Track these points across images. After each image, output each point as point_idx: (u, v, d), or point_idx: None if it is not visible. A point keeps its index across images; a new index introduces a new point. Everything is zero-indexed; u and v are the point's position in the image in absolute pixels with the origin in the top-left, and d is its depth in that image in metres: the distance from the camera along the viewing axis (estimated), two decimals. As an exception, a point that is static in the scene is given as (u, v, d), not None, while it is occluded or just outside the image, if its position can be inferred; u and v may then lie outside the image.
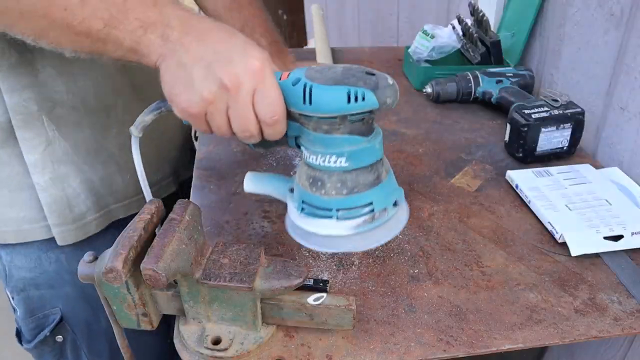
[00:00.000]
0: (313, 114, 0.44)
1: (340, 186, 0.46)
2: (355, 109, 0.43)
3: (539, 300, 0.54)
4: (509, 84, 0.93)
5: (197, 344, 0.48)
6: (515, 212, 0.68)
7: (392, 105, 0.44)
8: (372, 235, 0.48)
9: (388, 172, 0.49)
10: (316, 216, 0.48)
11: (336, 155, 0.45)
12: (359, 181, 0.46)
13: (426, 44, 1.05)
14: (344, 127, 0.44)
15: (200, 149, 0.83)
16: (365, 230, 0.48)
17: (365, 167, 0.46)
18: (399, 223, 0.49)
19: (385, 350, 0.49)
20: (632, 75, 0.74)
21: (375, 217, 0.47)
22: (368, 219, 0.47)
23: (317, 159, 0.46)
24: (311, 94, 0.43)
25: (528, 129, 0.75)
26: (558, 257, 0.61)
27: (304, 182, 0.48)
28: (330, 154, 0.45)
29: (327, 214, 0.47)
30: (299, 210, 0.49)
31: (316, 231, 0.48)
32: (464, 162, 0.79)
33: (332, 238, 0.48)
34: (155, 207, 0.49)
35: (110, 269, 0.42)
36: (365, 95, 0.43)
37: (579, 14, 0.86)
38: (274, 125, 0.45)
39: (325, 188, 0.46)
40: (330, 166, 0.45)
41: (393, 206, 0.49)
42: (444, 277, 0.57)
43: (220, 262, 0.47)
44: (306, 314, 0.48)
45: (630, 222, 0.62)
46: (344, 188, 0.46)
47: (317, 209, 0.47)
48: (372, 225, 0.48)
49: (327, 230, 0.48)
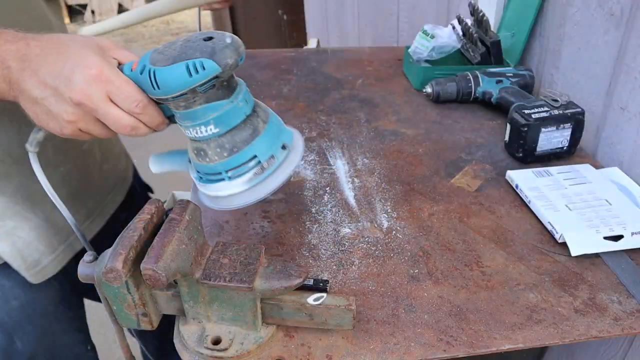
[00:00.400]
0: (165, 96, 0.45)
1: (220, 150, 0.48)
2: (199, 80, 0.44)
3: (539, 300, 0.54)
4: (509, 84, 0.93)
5: (197, 344, 0.48)
6: (515, 212, 0.68)
7: (237, 64, 0.45)
8: (269, 182, 0.50)
9: (267, 121, 0.50)
10: (211, 181, 0.51)
11: (204, 124, 0.47)
12: (235, 140, 0.48)
13: (426, 44, 1.05)
14: (199, 99, 0.46)
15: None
16: (260, 180, 0.50)
17: (237, 126, 0.48)
18: (291, 163, 0.51)
19: (385, 350, 0.49)
20: (632, 75, 0.74)
21: (265, 166, 0.49)
22: (258, 171, 0.49)
23: (191, 132, 0.48)
24: (156, 78, 0.44)
25: (528, 129, 0.75)
26: (558, 257, 0.61)
27: (192, 154, 0.51)
28: (199, 125, 0.47)
29: (219, 177, 0.50)
30: (198, 180, 0.52)
31: (216, 194, 0.51)
32: (464, 162, 0.79)
33: (233, 196, 0.51)
34: (156, 207, 0.49)
35: (110, 269, 0.42)
36: (204, 64, 0.43)
37: (579, 14, 0.86)
38: (144, 113, 0.46)
39: (209, 156, 0.49)
40: (204, 135, 0.48)
41: (282, 150, 0.50)
42: (444, 277, 0.57)
43: (220, 262, 0.47)
44: (306, 314, 0.48)
45: (630, 222, 0.62)
46: (223, 151, 0.48)
47: (209, 175, 0.50)
48: (265, 174, 0.50)
49: (226, 191, 0.50)
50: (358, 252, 0.61)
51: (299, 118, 0.93)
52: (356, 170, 0.77)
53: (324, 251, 0.61)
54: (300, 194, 0.72)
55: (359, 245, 0.62)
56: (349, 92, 1.04)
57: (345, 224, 0.66)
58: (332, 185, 0.74)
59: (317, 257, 0.60)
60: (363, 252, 0.61)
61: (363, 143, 0.85)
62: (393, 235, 0.64)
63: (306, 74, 1.12)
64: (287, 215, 0.67)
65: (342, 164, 0.79)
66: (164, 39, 4.71)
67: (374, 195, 0.72)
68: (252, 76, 1.10)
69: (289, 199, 0.71)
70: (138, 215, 0.47)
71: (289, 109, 0.97)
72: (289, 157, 0.51)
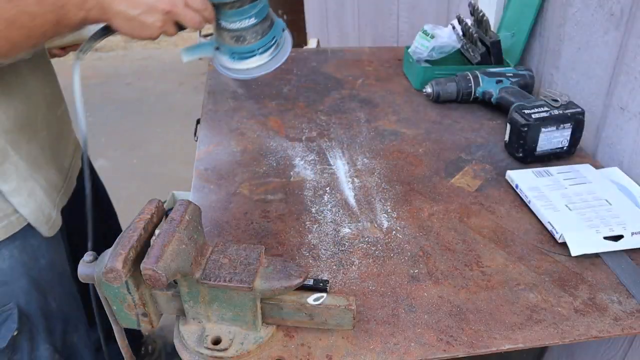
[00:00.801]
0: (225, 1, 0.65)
1: (255, 35, 0.69)
2: None
3: (539, 300, 0.54)
4: (509, 84, 0.93)
5: (197, 344, 0.48)
6: (515, 212, 0.68)
7: None
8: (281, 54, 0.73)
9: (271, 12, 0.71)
10: (246, 58, 0.71)
11: (247, 18, 0.67)
12: (264, 27, 0.70)
13: (426, 44, 1.05)
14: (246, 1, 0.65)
15: (200, 148, 0.83)
16: (277, 53, 0.73)
17: (264, 18, 0.68)
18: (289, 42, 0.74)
19: (385, 350, 0.49)
20: (632, 75, 0.74)
21: (279, 43, 0.72)
22: (275, 47, 0.72)
23: (236, 24, 0.67)
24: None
25: (528, 129, 0.75)
26: (558, 257, 0.61)
27: (230, 42, 0.69)
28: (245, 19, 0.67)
29: (253, 54, 0.71)
30: (232, 59, 0.72)
31: (248, 67, 0.72)
32: (464, 162, 0.79)
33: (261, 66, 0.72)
34: (155, 207, 0.49)
35: (110, 269, 0.42)
36: None
37: (579, 14, 0.86)
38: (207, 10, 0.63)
39: (247, 40, 0.69)
40: (246, 25, 0.68)
41: (283, 32, 0.73)
42: (444, 277, 0.57)
43: (220, 262, 0.47)
44: (306, 314, 0.48)
45: (630, 222, 0.62)
46: (258, 35, 0.69)
47: (245, 54, 0.71)
48: (279, 48, 0.73)
49: (256, 64, 0.72)
50: (358, 252, 0.61)
51: (299, 118, 0.93)
52: (356, 170, 0.77)
53: (324, 251, 0.61)
54: (300, 194, 0.72)
55: (359, 245, 0.62)
56: (349, 92, 1.04)
57: (345, 224, 0.66)
58: (332, 185, 0.74)
59: (317, 257, 0.60)
60: (363, 252, 0.61)
61: (363, 143, 0.85)
62: (393, 235, 0.64)
63: (306, 74, 1.12)
64: (287, 215, 0.67)
65: (342, 164, 0.79)
66: (163, 39, 4.71)
67: (374, 195, 0.72)
68: (252, 76, 1.10)
69: (289, 199, 0.71)
70: (138, 215, 0.47)
71: (289, 109, 0.97)
72: (286, 38, 0.73)
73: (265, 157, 0.81)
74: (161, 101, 3.31)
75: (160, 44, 4.54)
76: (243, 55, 0.72)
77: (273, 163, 0.79)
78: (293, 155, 0.81)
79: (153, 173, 2.44)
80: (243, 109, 0.96)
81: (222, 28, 0.69)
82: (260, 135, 0.87)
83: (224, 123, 0.91)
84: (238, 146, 0.83)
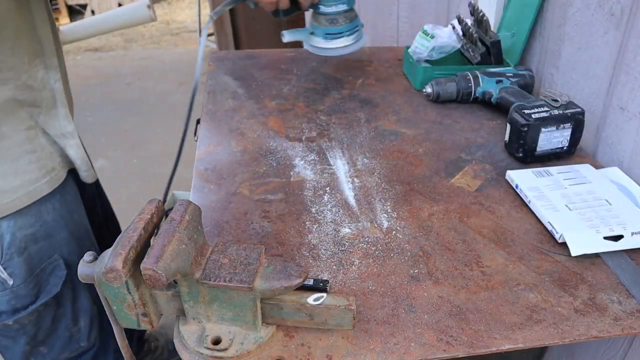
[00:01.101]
0: None
1: (346, 19, 0.95)
2: None
3: (539, 300, 0.54)
4: (509, 84, 0.93)
5: (197, 344, 0.48)
6: (515, 212, 0.68)
7: None
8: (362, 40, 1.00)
9: None
10: (335, 38, 0.96)
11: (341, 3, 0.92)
12: (353, 14, 0.96)
13: (426, 44, 1.05)
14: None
15: (200, 148, 0.83)
16: (359, 38, 0.99)
17: (352, 7, 0.95)
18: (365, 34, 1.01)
19: (385, 350, 0.49)
20: (632, 75, 0.75)
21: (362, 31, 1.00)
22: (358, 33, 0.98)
23: (332, 8, 0.92)
24: None
25: (528, 129, 0.75)
26: (558, 257, 0.61)
27: (324, 24, 0.95)
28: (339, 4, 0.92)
29: (341, 35, 0.96)
30: (324, 39, 0.97)
31: (336, 46, 0.98)
32: (464, 162, 0.79)
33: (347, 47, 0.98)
34: (156, 207, 0.49)
35: (110, 269, 0.42)
36: None
37: (579, 14, 0.86)
38: None
39: (339, 22, 0.94)
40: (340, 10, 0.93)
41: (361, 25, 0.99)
42: (444, 277, 0.57)
43: (220, 262, 0.47)
44: (306, 314, 0.48)
45: (630, 222, 0.62)
46: (347, 19, 0.95)
47: (335, 35, 0.96)
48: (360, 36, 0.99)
49: (343, 44, 0.97)
50: (358, 252, 0.61)
51: (299, 118, 0.93)
52: (356, 170, 0.77)
53: (324, 251, 0.61)
54: (300, 194, 0.72)
55: (359, 245, 0.62)
56: (349, 92, 1.04)
57: (345, 224, 0.66)
58: (332, 185, 0.74)
59: (317, 257, 0.60)
60: (363, 252, 0.61)
61: (363, 143, 0.85)
62: (393, 235, 0.64)
63: (306, 74, 1.12)
64: (287, 215, 0.67)
65: (342, 164, 0.79)
66: (163, 39, 4.71)
67: (374, 195, 0.72)
68: (252, 76, 1.10)
69: (289, 199, 0.71)
70: (138, 215, 0.47)
71: (289, 109, 0.97)
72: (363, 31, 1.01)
73: (265, 157, 0.81)
74: (161, 101, 3.31)
75: (160, 44, 4.54)
76: (334, 36, 0.96)
77: (273, 163, 0.79)
78: (293, 155, 0.81)
79: (153, 173, 2.44)
80: (243, 109, 0.96)
81: (320, 13, 0.94)
82: (260, 135, 0.87)
83: (224, 123, 0.91)
84: (238, 146, 0.83)
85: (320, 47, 0.97)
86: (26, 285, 0.81)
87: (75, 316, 0.91)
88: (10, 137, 0.74)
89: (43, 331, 0.87)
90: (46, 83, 0.78)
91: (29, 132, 0.76)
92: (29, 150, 0.77)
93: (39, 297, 0.83)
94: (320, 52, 0.98)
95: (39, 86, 0.77)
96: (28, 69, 0.74)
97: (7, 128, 0.73)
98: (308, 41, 0.99)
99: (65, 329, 0.90)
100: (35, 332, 0.86)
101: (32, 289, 0.82)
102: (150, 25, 5.18)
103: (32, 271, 0.81)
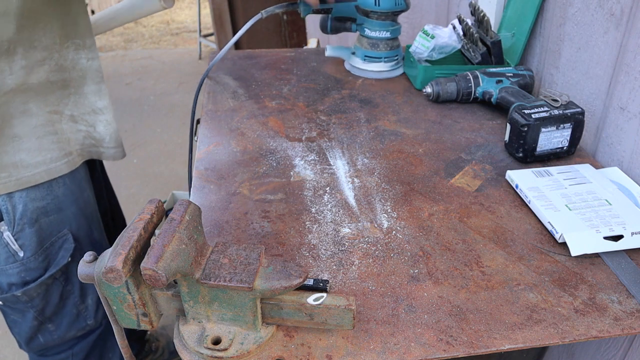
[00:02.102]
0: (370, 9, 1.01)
1: (387, 46, 1.05)
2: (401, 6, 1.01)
3: (539, 300, 0.54)
4: (509, 83, 0.93)
5: (197, 344, 0.48)
6: (515, 212, 0.68)
7: None
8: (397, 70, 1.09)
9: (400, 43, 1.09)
10: (373, 61, 1.06)
11: (385, 30, 1.02)
12: (395, 43, 1.05)
13: (426, 44, 1.05)
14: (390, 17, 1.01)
15: (200, 148, 0.83)
16: (394, 68, 1.08)
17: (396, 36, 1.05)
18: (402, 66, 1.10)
19: (385, 350, 0.49)
20: (632, 75, 0.74)
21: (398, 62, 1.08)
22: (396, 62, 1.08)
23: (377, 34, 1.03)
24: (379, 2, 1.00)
25: (528, 129, 0.75)
26: (558, 257, 0.61)
27: (366, 46, 1.05)
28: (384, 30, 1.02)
29: (379, 60, 1.06)
30: (362, 60, 1.07)
31: (372, 69, 1.07)
32: (464, 162, 0.79)
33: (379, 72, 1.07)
34: (156, 207, 0.49)
35: (110, 269, 0.42)
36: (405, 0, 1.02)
37: (579, 13, 0.86)
38: None
39: (380, 48, 1.05)
40: (383, 37, 1.03)
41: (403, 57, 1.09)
42: (444, 277, 0.57)
43: (220, 262, 0.47)
44: (306, 314, 0.48)
45: (630, 222, 0.62)
46: (388, 47, 1.05)
47: (374, 59, 1.06)
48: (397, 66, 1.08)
49: (380, 68, 1.07)
50: (358, 252, 0.61)
51: (299, 118, 0.93)
52: (356, 170, 0.77)
53: (324, 251, 0.61)
54: (300, 194, 0.72)
55: (359, 245, 0.62)
56: (349, 92, 1.04)
57: (345, 224, 0.66)
58: (332, 185, 0.74)
59: (317, 257, 0.60)
60: (363, 252, 0.61)
61: (363, 143, 0.85)
62: (393, 235, 0.64)
63: (306, 74, 1.12)
64: (287, 215, 0.67)
65: (342, 164, 0.79)
66: (163, 39, 4.71)
67: (374, 195, 0.72)
68: (252, 76, 1.10)
69: (289, 199, 0.71)
70: (138, 215, 0.47)
71: (289, 109, 0.97)
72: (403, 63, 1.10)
73: (265, 157, 0.81)
74: (161, 101, 3.31)
75: (160, 44, 4.54)
76: (372, 59, 1.06)
77: (273, 163, 0.79)
78: (293, 155, 0.81)
79: (153, 173, 2.44)
80: (243, 109, 0.96)
81: (365, 36, 1.04)
82: (260, 135, 0.87)
83: (224, 123, 0.91)
84: (238, 146, 0.83)
85: (358, 67, 1.07)
86: (36, 258, 0.84)
87: (83, 293, 0.93)
88: (37, 115, 0.78)
89: (51, 307, 0.89)
90: (76, 63, 0.82)
91: (52, 115, 0.80)
92: (51, 132, 0.81)
93: (48, 270, 0.86)
94: (356, 72, 1.07)
95: (69, 66, 0.81)
96: (59, 49, 0.78)
97: (34, 106, 0.78)
98: (348, 60, 1.10)
99: (73, 305, 0.92)
100: (43, 306, 0.88)
101: (41, 262, 0.85)
102: (150, 25, 5.18)
103: (42, 244, 0.84)
